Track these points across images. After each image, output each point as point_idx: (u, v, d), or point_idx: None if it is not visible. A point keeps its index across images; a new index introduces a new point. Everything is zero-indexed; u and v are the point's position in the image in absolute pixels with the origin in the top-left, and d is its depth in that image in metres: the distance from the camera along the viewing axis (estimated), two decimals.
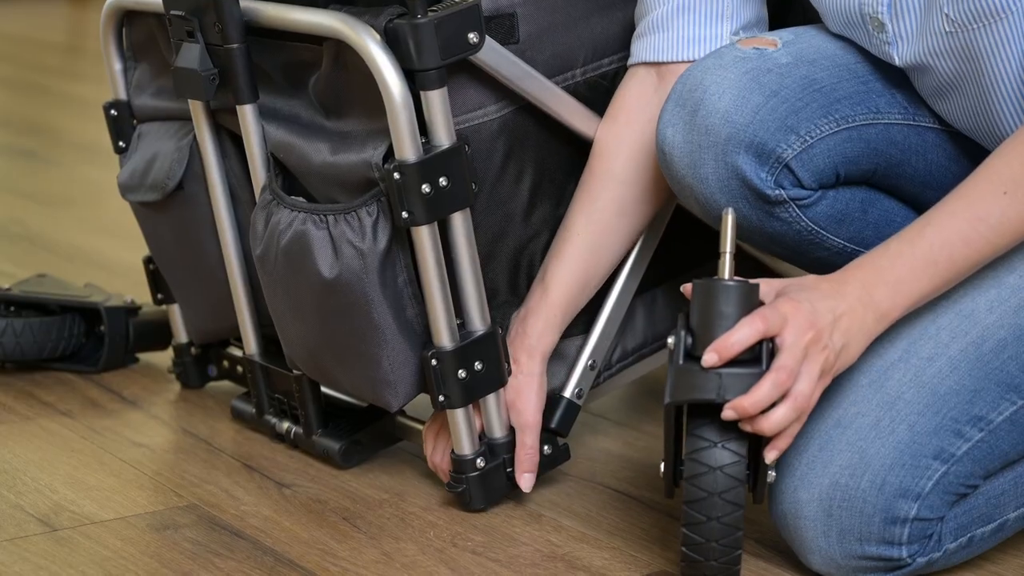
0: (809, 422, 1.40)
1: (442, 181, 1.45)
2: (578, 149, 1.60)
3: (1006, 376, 1.38)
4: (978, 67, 1.40)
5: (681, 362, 1.32)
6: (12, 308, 1.98)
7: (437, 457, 1.59)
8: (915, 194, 1.55)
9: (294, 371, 1.64)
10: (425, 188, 1.44)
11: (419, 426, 1.65)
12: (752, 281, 1.35)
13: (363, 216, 1.47)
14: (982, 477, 1.40)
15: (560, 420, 1.59)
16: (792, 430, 1.33)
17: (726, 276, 1.33)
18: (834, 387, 1.41)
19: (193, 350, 1.89)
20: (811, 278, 1.38)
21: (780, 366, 1.30)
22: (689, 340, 1.32)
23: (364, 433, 1.67)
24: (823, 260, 1.53)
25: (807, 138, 1.46)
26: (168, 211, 1.75)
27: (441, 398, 1.50)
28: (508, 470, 1.55)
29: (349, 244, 1.47)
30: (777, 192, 1.46)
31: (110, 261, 2.58)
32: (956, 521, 1.40)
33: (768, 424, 1.30)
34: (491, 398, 1.53)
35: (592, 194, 1.57)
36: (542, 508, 1.58)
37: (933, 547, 1.39)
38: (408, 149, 1.44)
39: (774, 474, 1.37)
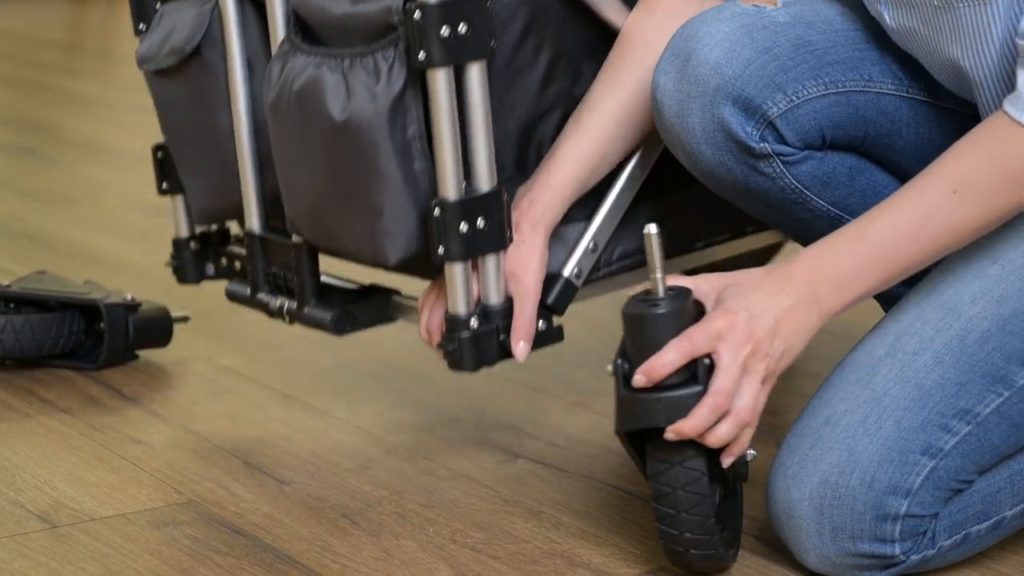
0: (800, 420, 1.41)
1: (461, 27, 1.45)
2: (599, 34, 1.59)
3: (991, 368, 1.38)
4: (962, 44, 1.40)
5: (622, 390, 1.34)
6: (12, 305, 1.98)
7: (433, 324, 1.56)
8: (906, 168, 1.54)
9: (294, 238, 1.64)
10: (444, 31, 1.44)
11: (414, 302, 1.63)
12: (688, 285, 1.36)
13: (379, 60, 1.47)
14: (975, 472, 1.39)
15: (557, 297, 1.58)
16: (744, 437, 1.35)
17: (660, 293, 1.34)
18: (824, 384, 1.42)
19: (193, 245, 1.88)
20: (755, 273, 1.38)
21: (716, 390, 1.32)
22: (626, 367, 1.34)
23: (358, 306, 1.66)
24: (807, 223, 1.53)
25: (794, 97, 1.46)
26: (183, 78, 1.74)
27: (441, 250, 1.49)
28: (501, 338, 1.53)
29: (363, 87, 1.47)
30: (761, 145, 1.46)
31: (110, 258, 2.58)
32: (951, 518, 1.40)
33: (714, 439, 1.33)
34: (490, 261, 1.52)
35: (620, 77, 1.56)
36: (542, 505, 1.58)
37: (927, 544, 1.39)
38: None
39: (754, 452, 1.38)
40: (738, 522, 1.45)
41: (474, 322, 1.52)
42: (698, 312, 1.37)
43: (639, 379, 1.32)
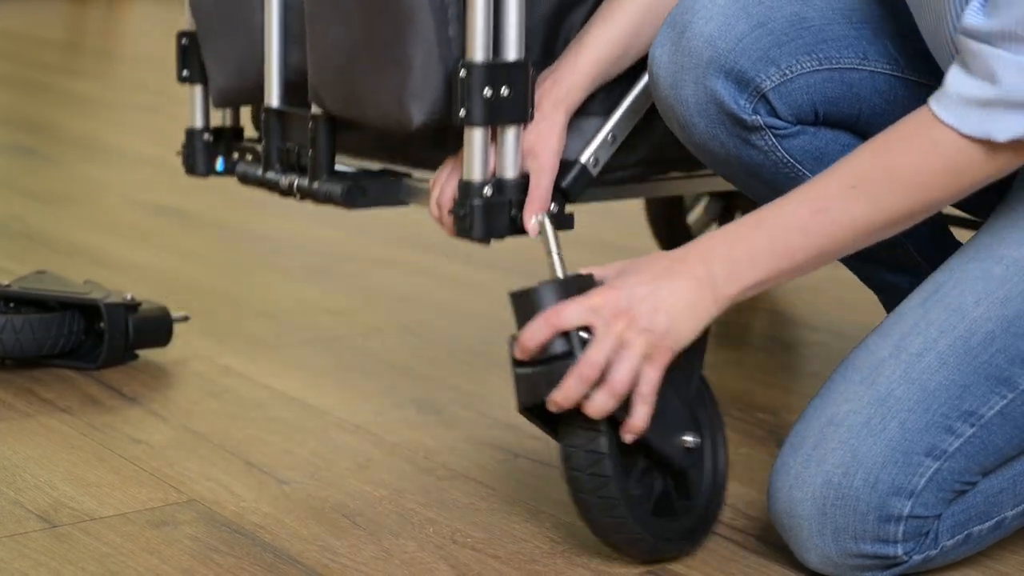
0: (803, 420, 1.40)
1: None
2: None
3: (995, 370, 1.38)
4: (925, 23, 1.41)
5: (512, 368, 1.38)
6: (12, 305, 1.98)
7: (445, 198, 1.55)
8: None
9: (313, 109, 1.65)
10: None
11: (426, 184, 1.63)
12: (588, 271, 1.40)
13: None
14: (979, 474, 1.39)
15: (572, 181, 1.58)
16: (640, 413, 1.36)
17: (559, 276, 1.39)
18: (827, 384, 1.41)
19: (206, 136, 1.90)
20: (655, 255, 1.40)
21: (583, 359, 1.34)
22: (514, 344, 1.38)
23: (370, 182, 1.66)
24: None
25: (787, 72, 1.46)
26: None
27: (463, 112, 1.50)
28: (513, 213, 1.53)
29: None
30: (753, 118, 1.46)
31: (110, 258, 2.58)
32: (953, 519, 1.40)
33: (592, 410, 1.35)
34: (510, 132, 1.52)
35: None
36: (541, 505, 1.58)
37: (929, 545, 1.39)
38: None
39: (695, 439, 1.43)
40: (696, 517, 1.46)
41: (488, 191, 1.52)
42: None
43: (516, 352, 1.36)
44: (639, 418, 1.36)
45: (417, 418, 1.84)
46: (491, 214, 1.53)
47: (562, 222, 1.57)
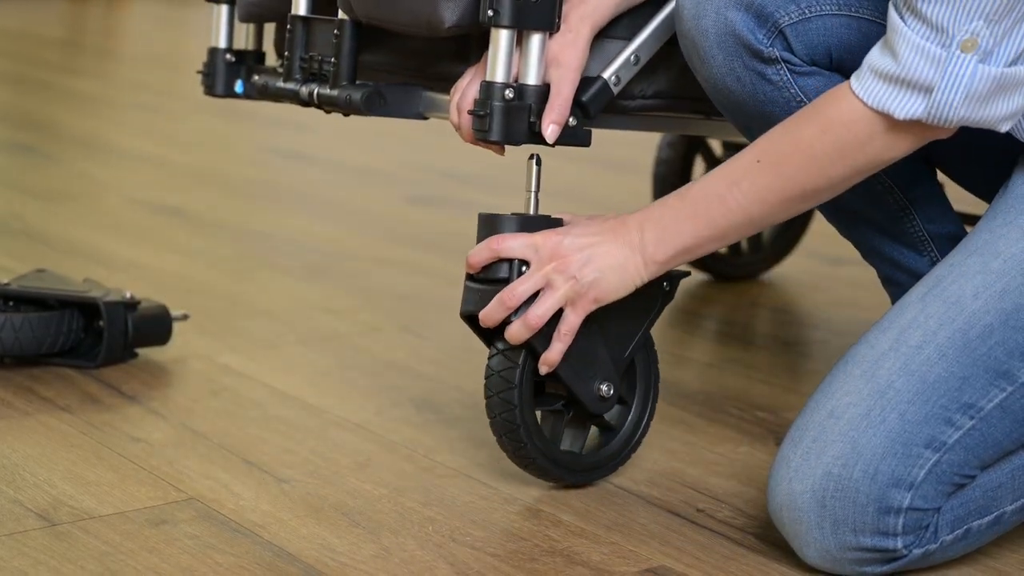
0: (803, 414, 1.41)
1: None
2: None
3: (994, 362, 1.38)
4: None
5: (464, 279, 1.57)
6: (11, 303, 1.98)
7: (465, 102, 1.57)
8: None
9: (339, 15, 1.67)
10: None
11: (445, 97, 1.64)
12: (561, 215, 1.56)
13: None
14: (978, 467, 1.40)
15: (592, 97, 1.59)
16: (555, 348, 1.52)
17: (531, 212, 1.55)
18: (827, 378, 1.42)
19: (228, 56, 1.91)
20: (608, 216, 1.54)
21: (508, 287, 1.51)
22: None
23: (390, 90, 1.67)
24: None
25: (806, 11, 1.49)
26: None
27: (490, 12, 1.51)
28: (532, 120, 1.54)
29: None
30: (770, 50, 1.48)
31: (109, 256, 2.58)
32: (953, 513, 1.40)
33: (508, 334, 1.51)
34: (535, 39, 1.53)
35: None
36: (541, 503, 1.58)
37: (929, 539, 1.39)
38: None
39: (608, 388, 1.59)
40: (601, 460, 1.62)
41: (509, 93, 1.53)
42: None
43: (467, 265, 1.54)
44: (553, 352, 1.52)
45: (417, 417, 1.84)
46: (510, 117, 1.54)
47: (579, 137, 1.59)
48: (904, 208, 1.63)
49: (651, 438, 1.77)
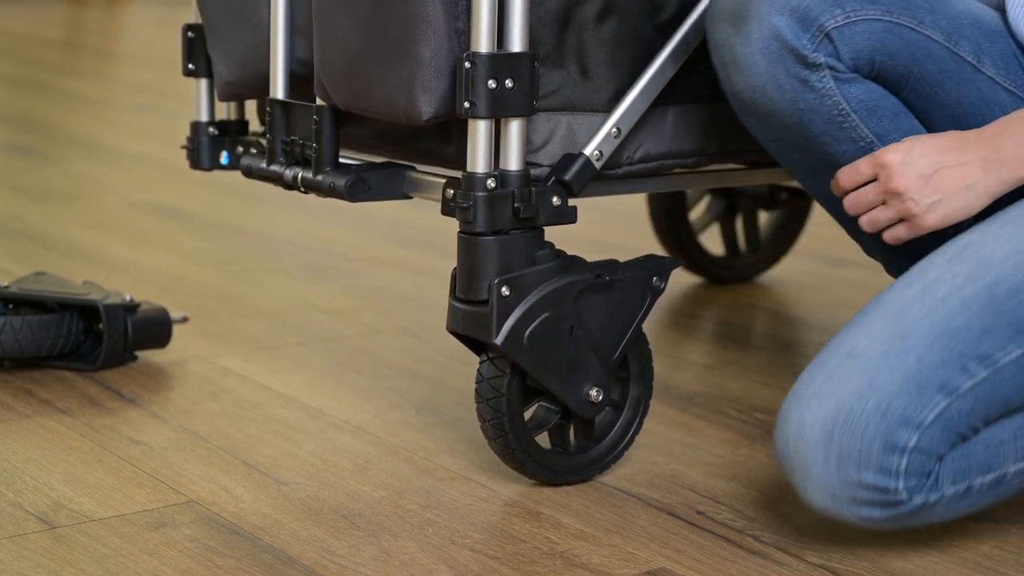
0: (821, 355, 1.43)
1: None
2: None
3: (1016, 320, 1.41)
4: None
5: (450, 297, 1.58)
6: (11, 306, 1.98)
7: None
8: (941, 126, 1.57)
9: (318, 102, 1.67)
10: None
11: (429, 178, 1.64)
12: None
13: None
14: (983, 421, 1.42)
15: (575, 175, 1.59)
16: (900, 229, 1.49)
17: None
18: (847, 324, 1.44)
19: (210, 130, 1.91)
20: (950, 132, 1.47)
21: (852, 164, 1.48)
22: (454, 280, 1.57)
23: (373, 175, 1.67)
24: (848, 156, 1.54)
25: (851, 15, 1.49)
26: None
27: (467, 104, 1.51)
28: (516, 206, 1.54)
29: None
30: (815, 55, 1.48)
31: (109, 258, 2.58)
32: (955, 464, 1.42)
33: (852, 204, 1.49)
34: (514, 126, 1.53)
35: None
36: (540, 505, 1.59)
37: (931, 487, 1.40)
38: None
39: (597, 393, 1.59)
40: (586, 463, 1.64)
41: (491, 183, 1.53)
42: None
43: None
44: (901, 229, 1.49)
45: (416, 419, 1.85)
46: (494, 207, 1.54)
47: (565, 214, 1.58)
48: None
49: (651, 440, 1.77)
